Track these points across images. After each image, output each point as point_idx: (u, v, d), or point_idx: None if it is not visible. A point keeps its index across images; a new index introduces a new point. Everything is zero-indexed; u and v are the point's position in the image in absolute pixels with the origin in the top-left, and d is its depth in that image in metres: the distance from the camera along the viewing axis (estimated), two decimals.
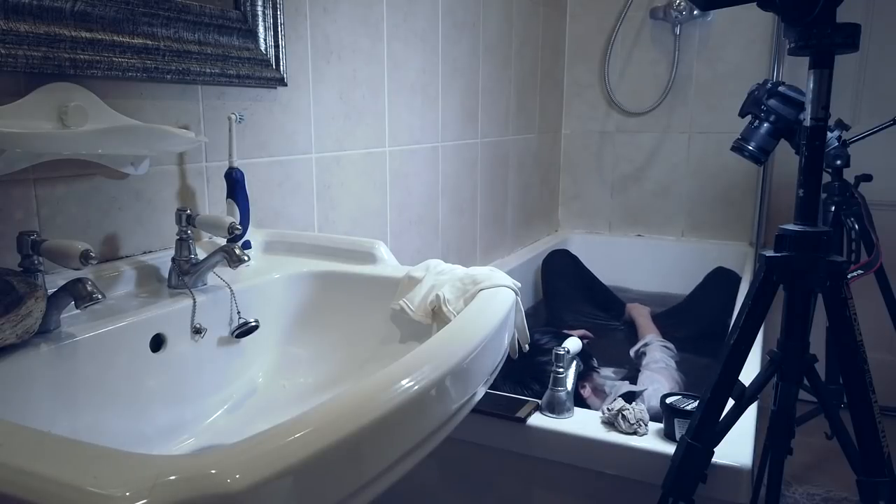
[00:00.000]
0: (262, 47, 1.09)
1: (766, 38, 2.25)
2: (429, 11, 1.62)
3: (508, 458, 1.11)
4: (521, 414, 1.08)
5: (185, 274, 0.87)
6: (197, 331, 0.85)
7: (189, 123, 1.00)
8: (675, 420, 1.00)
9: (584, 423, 1.07)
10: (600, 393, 1.41)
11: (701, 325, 1.95)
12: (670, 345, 1.71)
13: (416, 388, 0.58)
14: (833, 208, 1.59)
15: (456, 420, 0.67)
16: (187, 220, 0.88)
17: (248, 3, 1.05)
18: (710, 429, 0.90)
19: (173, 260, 0.88)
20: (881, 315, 1.63)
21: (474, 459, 1.15)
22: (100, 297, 0.68)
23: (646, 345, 1.70)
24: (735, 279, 2.04)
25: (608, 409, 1.06)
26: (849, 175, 1.60)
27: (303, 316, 0.99)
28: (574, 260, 2.34)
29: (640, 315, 2.00)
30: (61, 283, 0.69)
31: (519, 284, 0.92)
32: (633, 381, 1.48)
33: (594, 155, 2.60)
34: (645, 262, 2.52)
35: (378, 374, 0.60)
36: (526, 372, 1.31)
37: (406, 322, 0.93)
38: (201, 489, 0.41)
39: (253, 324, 0.90)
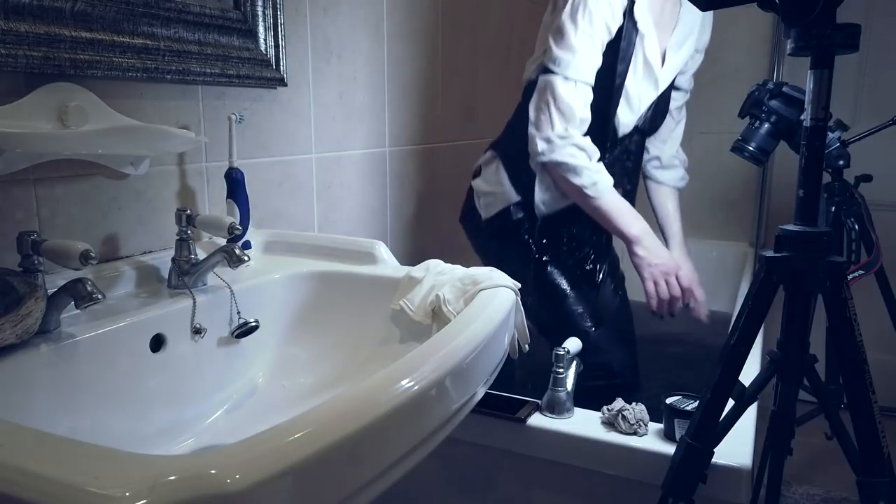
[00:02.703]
0: (262, 47, 1.09)
1: (766, 38, 2.25)
2: (429, 12, 1.62)
3: (508, 458, 1.11)
4: (521, 414, 1.08)
5: (185, 274, 0.87)
6: (197, 331, 0.85)
7: (189, 123, 1.00)
8: (675, 420, 1.00)
9: (584, 423, 1.07)
10: None
11: None
12: None
13: (416, 388, 0.58)
14: (833, 208, 1.59)
15: (456, 420, 0.68)
16: (187, 220, 0.88)
17: (248, 4, 1.05)
18: (710, 429, 0.89)
19: (173, 260, 0.88)
20: (881, 315, 1.63)
21: (474, 459, 1.15)
22: (100, 297, 0.68)
23: None
24: None
25: (608, 409, 1.06)
26: (849, 175, 1.60)
27: (303, 316, 0.99)
28: None
29: None
30: (61, 283, 0.69)
31: (519, 285, 0.92)
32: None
33: None
34: None
35: (378, 374, 0.60)
36: None
37: (406, 322, 0.93)
38: (201, 489, 0.41)
39: (253, 324, 0.90)
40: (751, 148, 1.47)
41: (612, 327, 1.49)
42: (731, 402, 0.91)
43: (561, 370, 1.10)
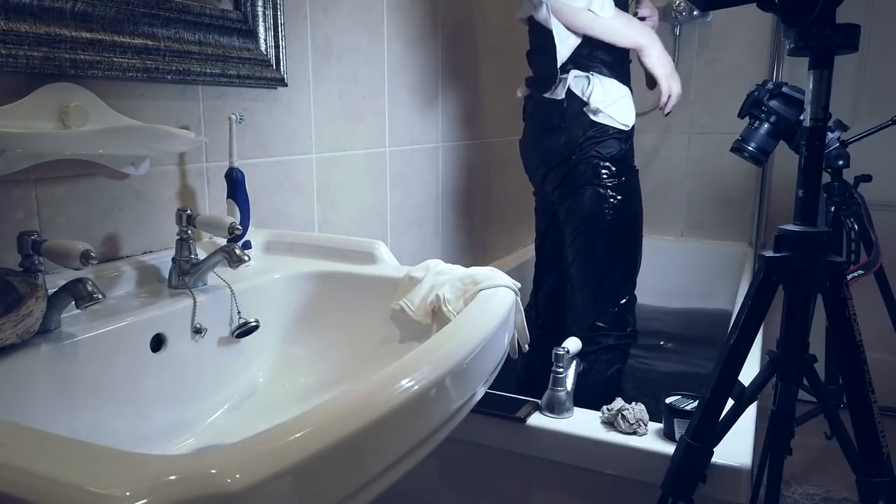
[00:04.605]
0: (263, 48, 1.09)
1: (766, 38, 2.25)
2: (429, 12, 1.62)
3: (508, 458, 1.11)
4: (520, 414, 1.08)
5: (186, 274, 0.87)
6: (197, 331, 0.85)
7: (189, 124, 1.00)
8: (675, 420, 1.00)
9: (584, 423, 1.07)
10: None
11: None
12: None
13: (416, 388, 0.59)
14: (833, 208, 1.59)
15: (456, 420, 0.68)
16: (188, 220, 0.88)
17: (248, 4, 1.05)
18: (710, 429, 0.90)
19: (174, 260, 0.88)
20: (881, 315, 1.63)
21: (474, 459, 1.15)
22: (100, 297, 0.68)
23: None
24: None
25: (608, 408, 1.06)
26: (848, 175, 1.60)
27: (303, 316, 0.99)
28: None
29: None
30: (62, 283, 0.69)
31: (519, 285, 0.92)
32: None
33: None
34: (644, 262, 2.52)
35: (378, 374, 0.60)
36: None
37: (406, 322, 0.93)
38: (201, 489, 0.41)
39: (253, 324, 0.90)
40: (750, 148, 1.47)
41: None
42: (730, 402, 0.91)
43: (561, 370, 1.10)
